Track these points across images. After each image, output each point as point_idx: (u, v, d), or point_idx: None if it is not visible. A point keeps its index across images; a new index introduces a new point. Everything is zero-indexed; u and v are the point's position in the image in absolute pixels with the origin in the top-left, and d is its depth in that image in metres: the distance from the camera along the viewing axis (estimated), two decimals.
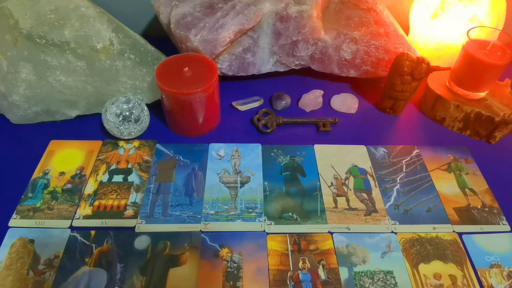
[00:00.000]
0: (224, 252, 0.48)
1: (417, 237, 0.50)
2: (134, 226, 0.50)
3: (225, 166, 0.58)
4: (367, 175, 0.58)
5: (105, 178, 0.56)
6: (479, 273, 0.47)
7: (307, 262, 0.47)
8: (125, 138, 0.61)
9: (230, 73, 0.68)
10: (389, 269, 0.47)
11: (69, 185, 0.55)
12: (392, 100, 0.66)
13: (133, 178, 0.56)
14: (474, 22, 0.68)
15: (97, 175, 0.56)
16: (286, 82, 0.74)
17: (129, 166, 0.58)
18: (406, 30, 0.75)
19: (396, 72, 0.62)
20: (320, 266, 0.47)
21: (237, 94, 0.70)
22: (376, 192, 0.56)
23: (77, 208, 0.52)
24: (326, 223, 0.51)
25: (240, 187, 0.56)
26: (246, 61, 0.67)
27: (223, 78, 0.69)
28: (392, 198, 0.55)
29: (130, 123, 0.59)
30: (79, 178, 0.56)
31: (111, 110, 0.58)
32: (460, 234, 0.51)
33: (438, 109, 0.66)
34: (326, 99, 0.70)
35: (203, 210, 0.52)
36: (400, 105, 0.66)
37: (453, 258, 0.48)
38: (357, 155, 0.61)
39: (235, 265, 0.47)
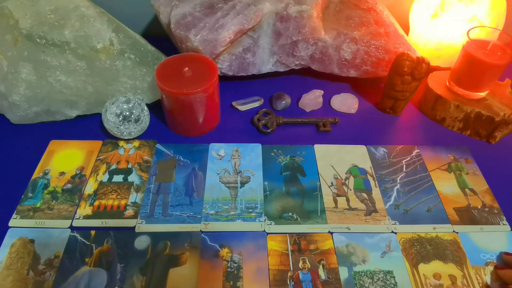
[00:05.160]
0: (224, 252, 0.48)
1: (417, 237, 0.50)
2: (134, 226, 0.50)
3: (225, 166, 0.58)
4: (367, 175, 0.58)
5: (105, 178, 0.56)
6: (474, 271, 0.47)
7: (307, 262, 0.47)
8: (125, 138, 0.61)
9: (230, 73, 0.68)
10: (389, 269, 0.47)
11: (69, 185, 0.55)
12: (392, 100, 0.66)
13: (133, 178, 0.56)
14: (474, 22, 0.68)
15: (97, 175, 0.56)
16: (286, 82, 0.74)
17: (129, 166, 0.58)
18: (406, 30, 0.75)
19: (396, 72, 0.62)
20: (320, 266, 0.47)
21: (237, 94, 0.70)
22: (376, 192, 0.56)
23: (77, 208, 0.52)
24: (326, 223, 0.51)
25: (240, 187, 0.56)
26: (246, 61, 0.67)
27: (223, 78, 0.69)
28: (392, 198, 0.55)
29: (130, 123, 0.59)
30: (79, 178, 0.56)
31: (111, 110, 0.58)
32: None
33: (438, 109, 0.66)
34: (326, 99, 0.70)
35: (203, 210, 0.52)
36: (400, 105, 0.66)
37: (453, 258, 0.48)
38: (357, 155, 0.61)
39: (235, 265, 0.47)
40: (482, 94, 0.64)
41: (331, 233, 0.50)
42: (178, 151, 0.60)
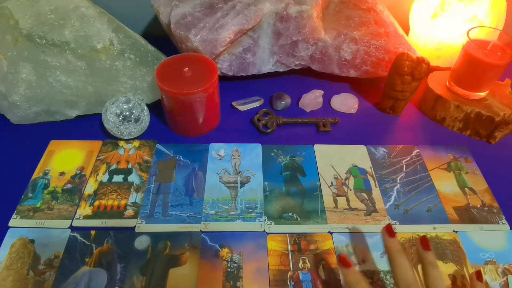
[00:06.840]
0: (224, 252, 0.48)
1: (417, 237, 0.50)
2: (134, 226, 0.50)
3: (225, 166, 0.58)
4: (367, 175, 0.58)
5: (105, 178, 0.56)
6: (474, 270, 0.47)
7: (307, 262, 0.47)
8: (125, 138, 0.61)
9: (230, 73, 0.68)
10: (388, 268, 0.47)
11: (69, 185, 0.55)
12: (392, 100, 0.66)
13: (133, 178, 0.56)
14: (474, 22, 0.68)
15: (97, 175, 0.56)
16: (286, 82, 0.74)
17: (129, 166, 0.58)
18: (406, 30, 0.75)
19: (396, 72, 0.62)
20: (320, 266, 0.47)
21: (237, 94, 0.70)
22: (376, 192, 0.56)
23: (77, 208, 0.52)
24: (326, 223, 0.51)
25: (240, 187, 0.56)
26: (246, 61, 0.67)
27: (223, 78, 0.69)
28: (392, 198, 0.55)
29: (130, 123, 0.59)
30: (79, 178, 0.56)
31: (111, 110, 0.58)
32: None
33: (438, 109, 0.66)
34: (326, 99, 0.70)
35: (203, 210, 0.52)
36: (400, 105, 0.66)
37: (452, 257, 0.48)
38: (357, 155, 0.61)
39: (235, 265, 0.47)
40: (482, 94, 0.64)
41: (331, 233, 0.50)
42: (178, 151, 0.60)
